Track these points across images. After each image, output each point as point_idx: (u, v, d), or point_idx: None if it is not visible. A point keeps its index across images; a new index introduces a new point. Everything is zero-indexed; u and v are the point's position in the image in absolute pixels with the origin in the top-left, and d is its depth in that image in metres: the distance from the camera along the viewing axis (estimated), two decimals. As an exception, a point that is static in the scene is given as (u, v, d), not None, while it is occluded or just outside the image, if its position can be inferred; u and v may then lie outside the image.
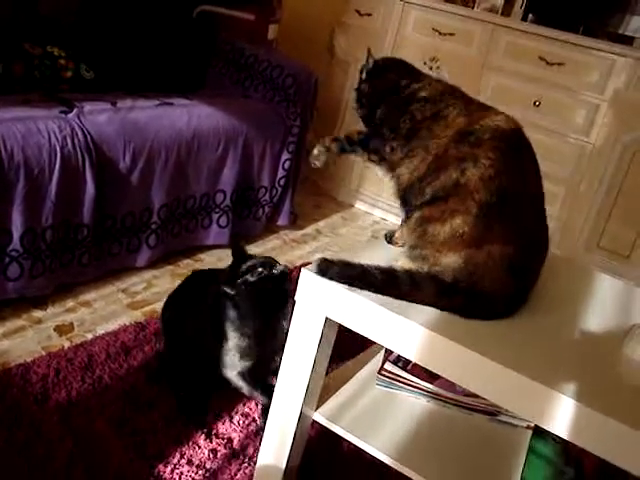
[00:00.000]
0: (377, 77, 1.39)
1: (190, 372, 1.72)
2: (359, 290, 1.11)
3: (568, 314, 1.26)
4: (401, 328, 1.06)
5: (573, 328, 1.22)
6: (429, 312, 1.09)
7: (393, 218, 3.44)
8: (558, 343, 1.14)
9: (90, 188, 1.98)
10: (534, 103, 2.97)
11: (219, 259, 2.50)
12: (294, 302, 1.18)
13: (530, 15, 3.14)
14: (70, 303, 2.03)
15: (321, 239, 2.98)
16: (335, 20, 3.58)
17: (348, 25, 3.49)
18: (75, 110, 2.04)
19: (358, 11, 3.42)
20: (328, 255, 1.17)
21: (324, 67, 3.57)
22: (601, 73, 2.83)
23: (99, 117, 2.07)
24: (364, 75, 1.41)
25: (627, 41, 2.92)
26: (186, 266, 2.41)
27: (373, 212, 3.51)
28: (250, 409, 1.67)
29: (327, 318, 1.15)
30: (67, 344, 1.81)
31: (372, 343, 1.36)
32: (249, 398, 1.70)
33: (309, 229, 3.07)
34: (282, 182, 2.75)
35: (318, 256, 1.16)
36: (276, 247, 2.75)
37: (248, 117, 2.52)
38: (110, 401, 1.59)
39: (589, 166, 2.91)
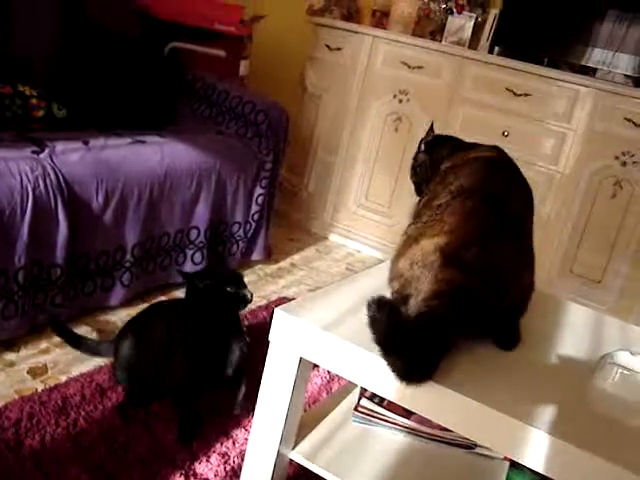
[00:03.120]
0: (433, 151, 1.46)
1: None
2: (334, 329, 1.12)
3: (540, 346, 1.28)
4: (375, 366, 1.07)
5: (545, 360, 1.24)
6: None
7: (367, 250, 3.46)
8: (530, 376, 1.15)
9: (63, 228, 1.97)
10: (503, 133, 3.03)
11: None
12: (267, 343, 1.19)
13: (496, 48, 3.22)
14: (44, 344, 2.01)
15: (296, 273, 2.99)
16: (306, 55, 3.63)
17: (318, 60, 3.54)
18: (47, 150, 2.04)
19: (328, 46, 3.47)
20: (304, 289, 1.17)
21: (296, 101, 3.61)
22: (567, 103, 2.90)
23: (71, 157, 2.06)
24: (422, 147, 1.48)
25: (590, 72, 2.99)
26: (161, 303, 2.40)
27: (347, 244, 3.53)
28: (227, 448, 1.66)
29: (302, 358, 1.16)
30: (41, 387, 1.79)
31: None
32: (226, 437, 1.69)
33: (284, 263, 3.08)
34: (256, 217, 2.76)
35: (294, 290, 1.17)
36: (251, 282, 2.74)
37: (221, 153, 2.54)
38: (85, 445, 1.57)
39: (558, 194, 2.97)
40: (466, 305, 1.10)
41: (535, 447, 0.95)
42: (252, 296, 1.70)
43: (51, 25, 2.63)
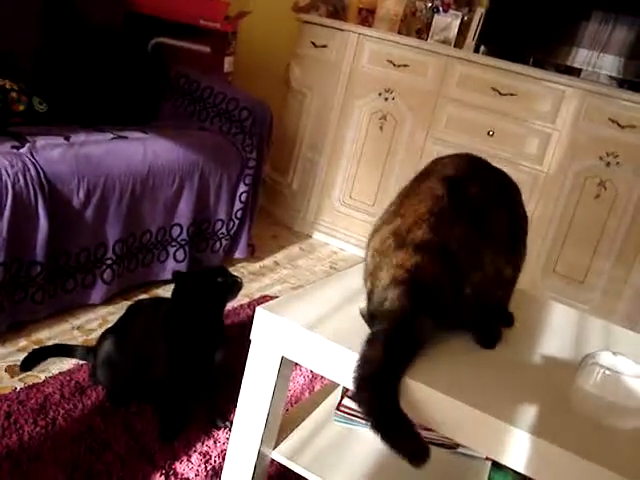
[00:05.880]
0: None
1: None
2: (316, 328, 1.11)
3: (522, 346, 1.27)
4: (357, 366, 1.06)
5: (527, 360, 1.23)
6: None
7: (350, 248, 3.46)
8: (512, 375, 1.14)
9: (43, 224, 1.95)
10: (488, 133, 3.03)
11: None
12: (249, 341, 1.17)
13: (482, 47, 3.22)
14: (23, 342, 1.98)
15: (279, 271, 2.98)
16: (290, 52, 3.61)
17: (303, 57, 3.53)
18: (27, 145, 2.01)
19: (313, 43, 3.45)
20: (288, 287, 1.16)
21: (280, 98, 3.60)
22: (552, 103, 2.91)
23: (52, 152, 2.03)
24: None
25: (575, 72, 3.00)
26: (143, 301, 2.38)
27: (330, 242, 3.52)
28: (209, 447, 1.65)
29: (283, 357, 1.15)
30: (19, 385, 1.76)
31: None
32: (207, 437, 1.68)
33: (267, 261, 3.07)
34: (239, 214, 2.74)
35: (277, 289, 1.15)
36: (234, 280, 2.73)
37: (204, 150, 2.52)
38: (64, 444, 1.54)
39: (543, 194, 2.97)
40: (422, 288, 1.07)
41: (517, 447, 0.95)
42: (242, 281, 1.70)
43: (34, 18, 2.60)
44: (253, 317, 1.16)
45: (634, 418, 1.02)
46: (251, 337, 1.17)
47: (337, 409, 1.41)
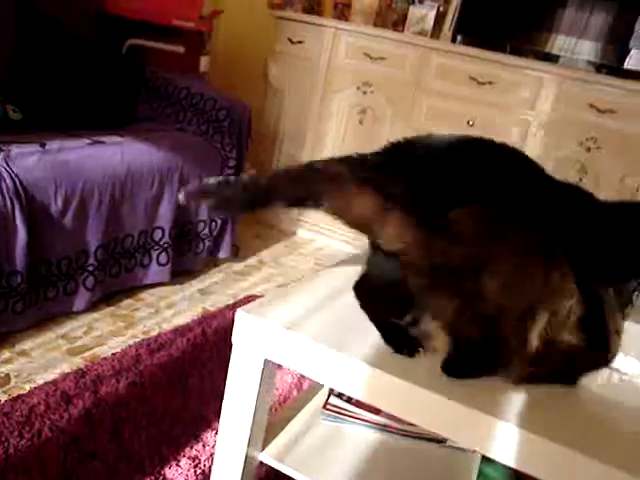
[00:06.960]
0: None
1: None
2: (298, 329, 1.09)
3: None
4: (341, 365, 1.04)
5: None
6: (369, 347, 1.07)
7: (336, 243, 3.44)
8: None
9: (21, 234, 1.92)
10: (468, 122, 3.03)
11: (160, 298, 2.46)
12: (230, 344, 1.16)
13: (459, 36, 3.21)
14: (6, 354, 1.96)
15: (264, 270, 2.96)
16: (267, 49, 3.60)
17: (281, 53, 3.51)
18: (1, 154, 1.98)
19: (290, 39, 3.43)
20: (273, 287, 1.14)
21: (259, 96, 3.58)
22: (530, 90, 2.91)
23: (28, 160, 2.01)
24: None
25: (553, 59, 3.00)
26: (127, 307, 2.36)
27: (316, 238, 3.51)
28: (197, 451, 1.63)
29: (266, 360, 1.13)
30: (4, 397, 1.74)
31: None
32: (196, 440, 1.66)
33: (252, 260, 3.05)
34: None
35: (263, 287, 1.12)
36: (219, 281, 2.71)
37: (183, 151, 2.50)
38: (50, 455, 1.52)
39: (524, 182, 2.97)
40: None
41: (506, 441, 0.94)
42: None
43: (4, 26, 2.56)
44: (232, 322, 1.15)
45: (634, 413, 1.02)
46: (232, 340, 1.15)
47: (324, 408, 1.40)
